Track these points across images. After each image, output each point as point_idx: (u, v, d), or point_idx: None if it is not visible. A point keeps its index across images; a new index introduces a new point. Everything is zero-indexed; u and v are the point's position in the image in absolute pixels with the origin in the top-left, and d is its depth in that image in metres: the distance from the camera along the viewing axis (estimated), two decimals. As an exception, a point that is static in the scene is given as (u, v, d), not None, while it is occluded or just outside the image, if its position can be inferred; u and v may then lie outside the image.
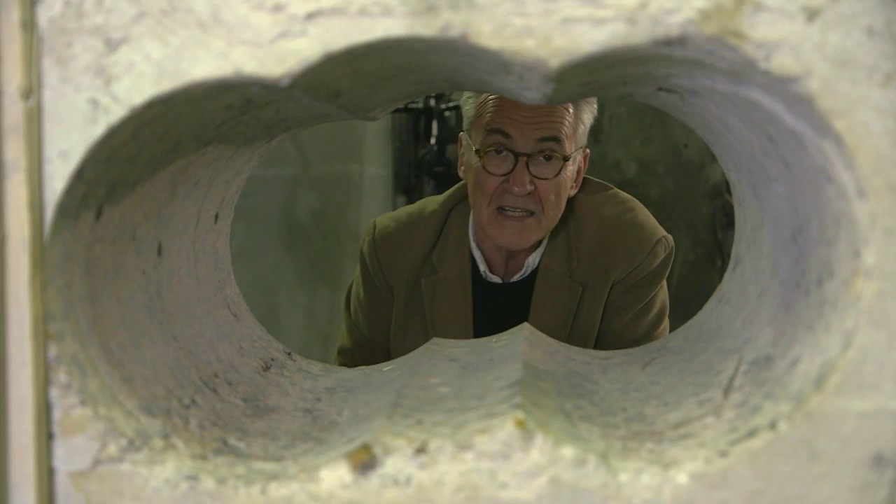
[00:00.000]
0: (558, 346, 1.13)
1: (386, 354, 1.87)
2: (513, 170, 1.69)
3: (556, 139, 1.69)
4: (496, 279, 1.85)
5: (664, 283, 1.89)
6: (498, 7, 0.69)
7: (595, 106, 1.81)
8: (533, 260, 1.83)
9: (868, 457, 0.71)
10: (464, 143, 1.82)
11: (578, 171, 1.81)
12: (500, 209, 1.72)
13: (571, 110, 1.73)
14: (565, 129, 1.70)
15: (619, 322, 1.83)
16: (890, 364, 0.70)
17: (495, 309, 1.84)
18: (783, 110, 0.74)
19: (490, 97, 1.72)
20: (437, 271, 1.85)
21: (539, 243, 1.82)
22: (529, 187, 1.68)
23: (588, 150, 1.84)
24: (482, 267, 1.84)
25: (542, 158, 1.69)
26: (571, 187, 1.79)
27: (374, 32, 0.70)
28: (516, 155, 1.69)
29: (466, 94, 1.80)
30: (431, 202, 1.94)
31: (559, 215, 1.77)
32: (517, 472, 0.72)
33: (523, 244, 1.76)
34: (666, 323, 1.88)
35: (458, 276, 1.84)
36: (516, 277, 1.85)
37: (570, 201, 1.82)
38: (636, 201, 1.89)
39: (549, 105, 1.66)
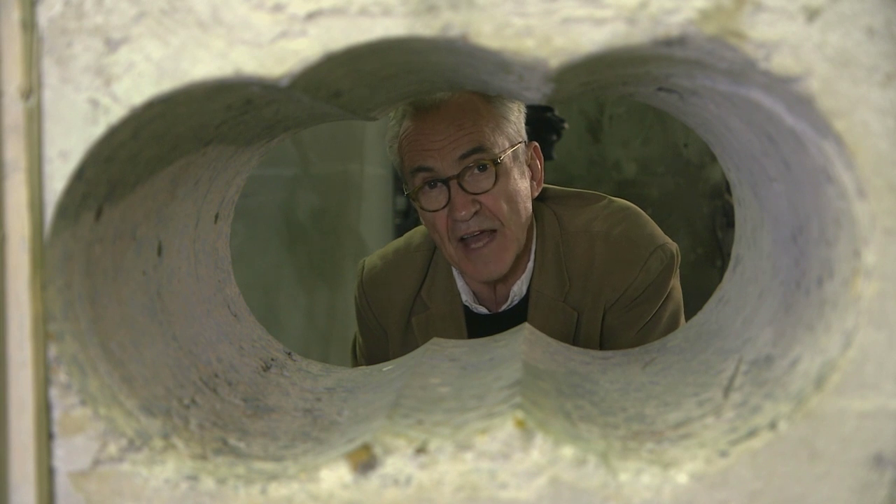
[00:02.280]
0: (558, 346, 1.13)
1: None
2: (449, 198, 1.60)
3: (479, 148, 1.59)
4: (483, 310, 1.76)
5: (672, 290, 1.75)
6: (498, 7, 0.69)
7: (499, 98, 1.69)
8: (519, 288, 1.73)
9: (868, 457, 0.71)
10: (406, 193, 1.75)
11: (532, 168, 1.70)
12: (461, 240, 1.62)
13: (484, 111, 1.62)
14: (482, 134, 1.60)
15: (625, 340, 1.70)
16: (890, 364, 0.70)
17: None
18: (783, 110, 0.74)
19: (403, 137, 1.64)
20: (428, 307, 1.78)
21: (523, 269, 1.72)
22: (473, 206, 1.59)
23: (535, 143, 1.73)
24: (464, 297, 1.76)
25: (475, 171, 1.59)
26: (534, 187, 1.69)
27: (374, 32, 0.70)
28: (445, 182, 1.59)
29: (387, 143, 1.71)
30: (417, 234, 1.86)
31: (524, 223, 1.66)
32: (517, 472, 0.72)
33: (501, 270, 1.66)
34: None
35: (449, 310, 1.77)
36: (504, 307, 1.75)
37: (559, 218, 1.73)
38: (631, 210, 1.76)
39: (457, 117, 1.59)
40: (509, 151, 1.63)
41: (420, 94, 1.37)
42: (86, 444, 0.74)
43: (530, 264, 1.73)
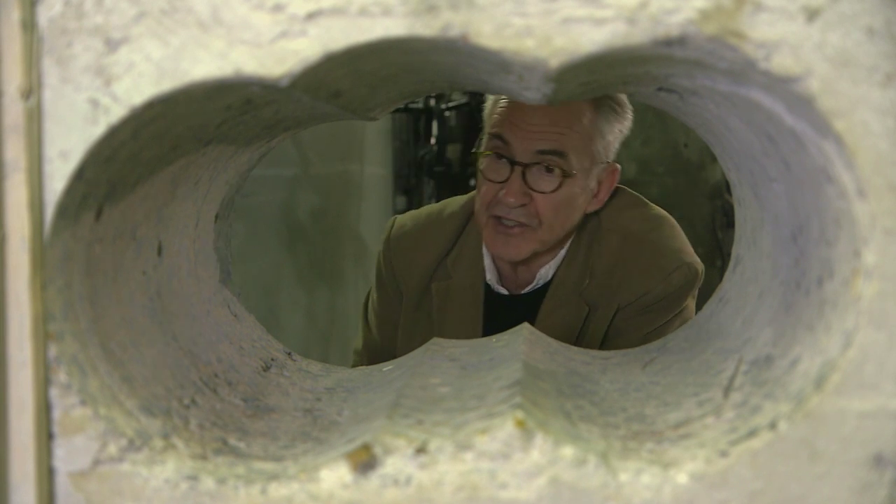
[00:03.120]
0: (558, 346, 1.13)
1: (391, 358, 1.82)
2: (508, 178, 1.61)
3: (559, 153, 1.59)
4: (503, 290, 1.77)
5: (685, 309, 1.74)
6: (498, 7, 0.69)
7: (628, 116, 1.68)
8: (546, 272, 1.73)
9: (868, 457, 0.71)
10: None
11: (601, 187, 1.69)
12: (496, 217, 1.63)
13: (586, 122, 1.61)
14: (572, 142, 1.59)
15: (626, 344, 1.65)
16: (890, 364, 0.70)
17: (503, 322, 1.73)
18: (783, 110, 0.74)
19: (502, 100, 1.64)
20: (450, 276, 1.76)
21: (553, 254, 1.72)
22: (523, 199, 1.60)
23: (618, 166, 1.71)
24: (488, 276, 1.75)
25: (543, 170, 1.60)
26: (592, 203, 1.68)
27: (374, 32, 0.70)
28: (512, 163, 1.60)
29: (491, 95, 1.70)
30: (453, 203, 1.85)
31: (563, 232, 1.67)
32: (517, 472, 0.72)
33: (515, 255, 1.67)
34: None
35: (471, 284, 1.76)
36: (527, 289, 1.75)
37: (598, 214, 1.72)
38: (666, 220, 1.76)
39: (558, 115, 1.57)
40: (593, 169, 1.63)
41: (420, 94, 1.37)
42: (86, 444, 0.74)
43: (562, 252, 1.73)
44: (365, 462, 0.73)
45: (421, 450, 0.73)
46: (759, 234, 0.97)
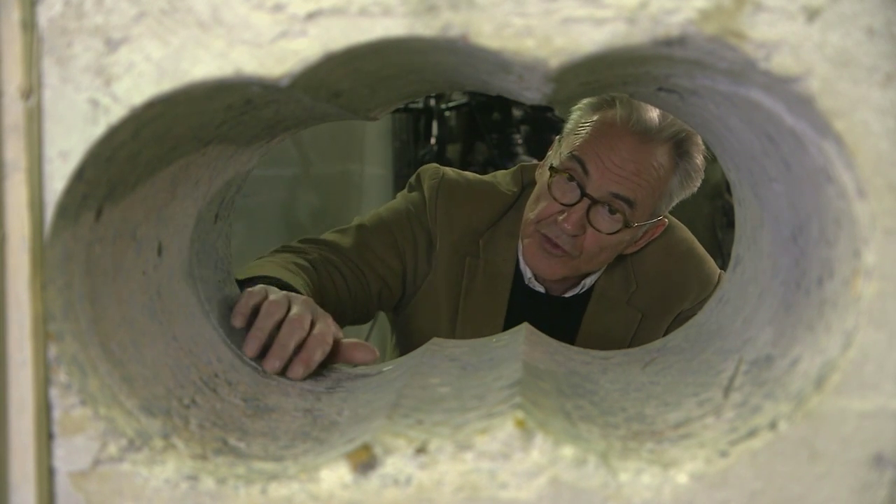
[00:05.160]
0: (558, 346, 1.13)
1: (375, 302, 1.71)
2: (574, 205, 1.58)
3: (630, 202, 1.57)
4: (540, 289, 1.75)
5: None
6: (498, 7, 0.69)
7: (698, 184, 1.69)
8: (590, 280, 1.75)
9: (868, 457, 0.71)
10: (553, 148, 1.70)
11: (644, 236, 1.70)
12: (546, 238, 1.62)
13: (664, 180, 1.60)
14: (644, 194, 1.58)
15: None
16: (890, 364, 0.70)
17: (541, 321, 1.67)
18: (783, 110, 0.74)
19: (600, 120, 1.59)
20: (479, 256, 1.72)
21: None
22: (579, 231, 1.58)
23: (666, 220, 1.72)
24: (528, 274, 1.73)
25: (608, 210, 1.58)
26: (629, 247, 1.69)
27: (374, 32, 0.70)
28: (583, 194, 1.57)
29: (588, 100, 1.64)
30: (502, 181, 1.79)
31: (597, 268, 1.68)
32: (517, 472, 0.72)
33: (549, 275, 1.66)
34: None
35: (501, 273, 1.73)
36: (571, 293, 1.75)
37: None
38: (688, 230, 1.82)
39: (643, 164, 1.56)
40: (647, 224, 1.64)
41: (420, 94, 1.36)
42: (86, 444, 0.74)
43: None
44: (365, 462, 0.73)
45: (421, 450, 0.73)
46: (759, 234, 0.97)
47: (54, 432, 0.74)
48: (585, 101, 1.65)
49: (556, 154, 1.66)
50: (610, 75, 0.83)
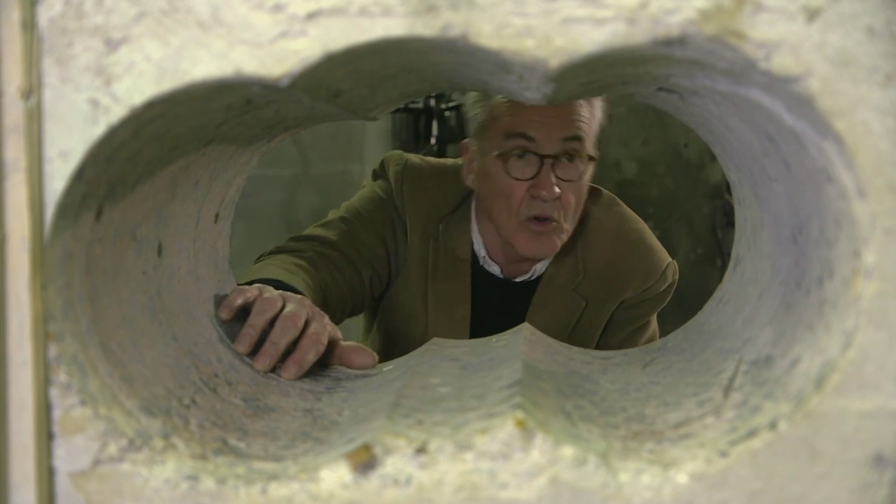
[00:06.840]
0: (559, 346, 1.13)
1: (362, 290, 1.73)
2: (537, 174, 1.60)
3: (579, 138, 1.61)
4: (496, 271, 1.78)
5: (652, 320, 1.87)
6: (498, 7, 0.69)
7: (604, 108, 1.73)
8: (541, 266, 1.77)
9: (868, 457, 0.71)
10: (472, 149, 1.72)
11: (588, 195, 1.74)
12: (535, 219, 1.63)
13: (594, 108, 1.65)
14: (590, 126, 1.63)
15: (616, 337, 1.80)
16: (890, 364, 0.70)
17: (491, 300, 1.77)
18: (783, 110, 0.74)
19: (502, 100, 1.64)
20: (440, 239, 1.75)
21: None
22: (557, 191, 1.60)
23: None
24: (482, 253, 1.76)
25: (565, 160, 1.61)
26: (579, 206, 1.70)
27: (374, 32, 0.70)
28: (541, 157, 1.60)
29: (472, 98, 1.72)
30: (457, 165, 1.81)
31: (576, 223, 1.70)
32: (517, 472, 0.72)
33: (550, 252, 1.69)
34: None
35: (461, 257, 1.76)
36: (521, 278, 1.79)
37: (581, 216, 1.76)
38: (642, 221, 1.85)
39: (567, 104, 1.60)
40: (594, 152, 1.66)
41: (420, 94, 1.37)
42: (86, 444, 0.74)
43: None
44: (365, 462, 0.73)
45: (421, 450, 0.73)
46: (759, 234, 0.97)
47: (54, 432, 0.74)
48: (469, 95, 1.70)
49: (483, 149, 1.67)
50: (610, 75, 0.83)
